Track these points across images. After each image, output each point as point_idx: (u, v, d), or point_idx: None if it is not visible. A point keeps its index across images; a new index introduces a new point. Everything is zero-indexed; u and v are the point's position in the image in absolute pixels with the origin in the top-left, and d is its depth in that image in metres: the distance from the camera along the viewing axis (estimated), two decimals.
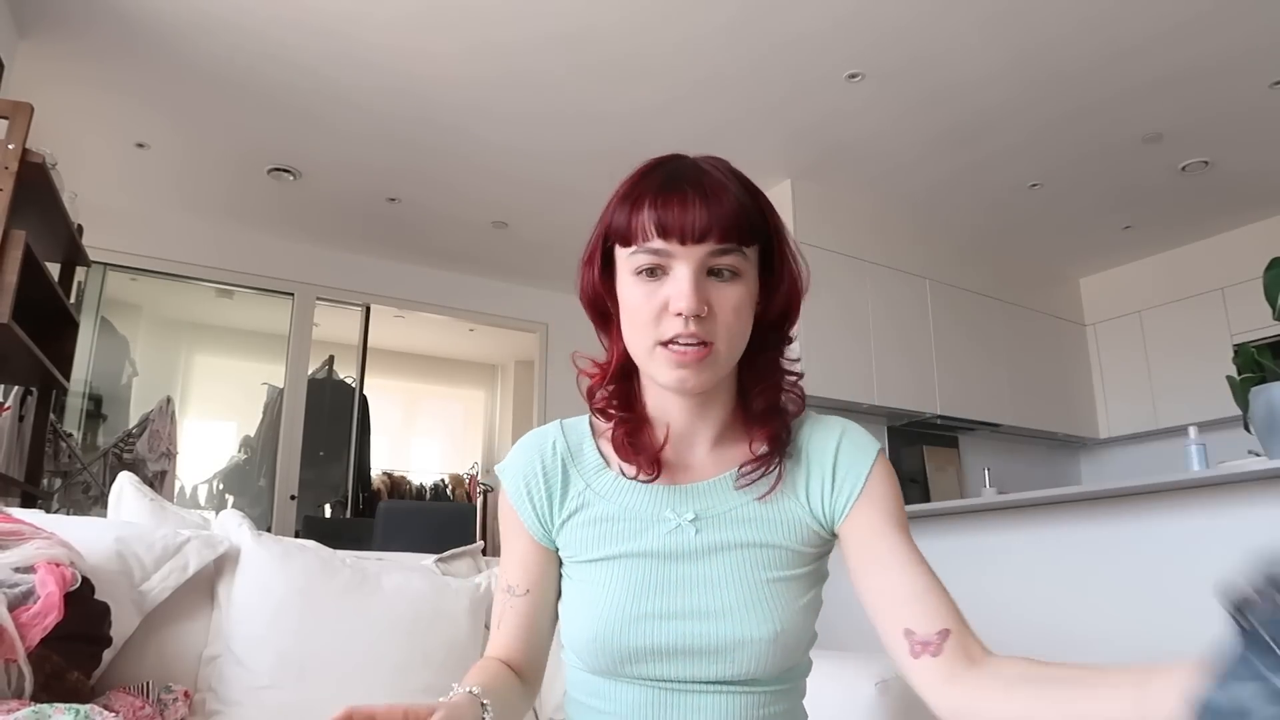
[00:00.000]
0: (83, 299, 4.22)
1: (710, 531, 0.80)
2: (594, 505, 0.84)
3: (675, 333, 0.75)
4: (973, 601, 3.10)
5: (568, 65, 3.26)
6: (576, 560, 0.84)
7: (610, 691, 0.80)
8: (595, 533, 0.83)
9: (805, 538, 0.81)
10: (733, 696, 0.77)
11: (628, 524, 0.82)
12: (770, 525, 0.81)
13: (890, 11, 2.97)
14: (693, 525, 0.80)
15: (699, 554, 0.80)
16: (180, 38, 3.05)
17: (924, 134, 3.80)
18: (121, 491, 1.45)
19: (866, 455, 0.83)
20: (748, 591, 0.77)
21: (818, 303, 4.13)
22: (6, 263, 2.15)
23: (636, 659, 0.78)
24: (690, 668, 0.77)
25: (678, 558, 0.80)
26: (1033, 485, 4.72)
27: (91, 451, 4.09)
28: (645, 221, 0.76)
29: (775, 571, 0.79)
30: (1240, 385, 2.30)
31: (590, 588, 0.81)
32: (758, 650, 0.76)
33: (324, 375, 5.52)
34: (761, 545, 0.80)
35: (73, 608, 1.00)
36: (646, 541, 0.80)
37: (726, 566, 0.79)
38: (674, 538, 0.80)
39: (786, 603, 0.78)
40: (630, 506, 0.83)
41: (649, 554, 0.80)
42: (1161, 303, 5.08)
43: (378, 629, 1.33)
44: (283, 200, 4.40)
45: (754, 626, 0.76)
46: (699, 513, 0.81)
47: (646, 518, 0.82)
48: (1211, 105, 3.56)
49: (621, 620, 0.78)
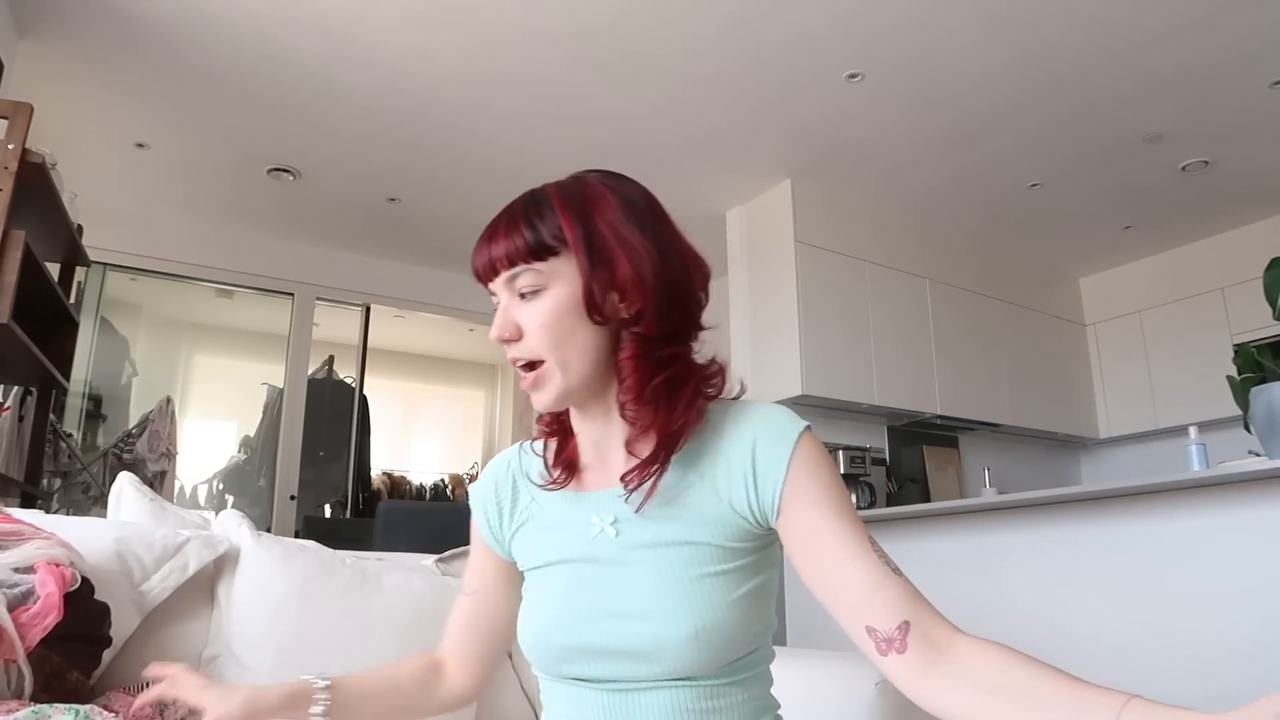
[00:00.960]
0: (83, 299, 4.22)
1: (631, 533, 0.81)
2: (538, 516, 0.89)
3: (510, 358, 0.82)
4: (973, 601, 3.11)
5: (568, 65, 3.26)
6: (526, 569, 0.89)
7: (565, 694, 0.84)
8: (539, 541, 0.88)
9: (732, 534, 0.79)
10: (678, 691, 0.77)
11: (562, 531, 0.85)
12: (692, 523, 0.79)
13: (890, 11, 2.97)
14: (613, 528, 0.82)
15: (621, 556, 0.81)
16: (180, 37, 3.05)
17: (924, 134, 3.80)
18: (121, 491, 1.45)
19: (785, 444, 0.78)
20: (669, 591, 0.77)
21: (818, 303, 4.14)
22: (6, 263, 2.15)
23: (571, 658, 0.80)
24: (623, 668, 0.78)
25: (603, 561, 0.81)
26: (1033, 485, 4.72)
27: (91, 451, 4.09)
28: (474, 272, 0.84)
29: (700, 568, 0.78)
30: (1240, 385, 2.30)
31: (534, 592, 0.87)
32: (681, 649, 0.76)
33: (324, 375, 5.52)
34: (684, 543, 0.79)
35: (73, 608, 1.00)
36: (577, 546, 0.83)
37: (647, 566, 0.79)
38: (598, 541, 0.82)
39: (712, 599, 0.77)
40: (564, 515, 0.86)
41: (580, 558, 0.83)
42: (1161, 303, 5.08)
43: (378, 629, 1.33)
44: (283, 200, 4.40)
45: (675, 625, 0.76)
46: (619, 515, 0.82)
47: (576, 523, 0.84)
48: (1211, 105, 3.56)
49: (555, 620, 0.81)
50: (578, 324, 0.78)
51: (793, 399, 4.01)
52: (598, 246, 0.79)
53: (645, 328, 0.78)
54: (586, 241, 0.79)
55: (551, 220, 0.79)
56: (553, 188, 0.83)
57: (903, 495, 4.45)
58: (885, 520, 3.29)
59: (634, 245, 0.79)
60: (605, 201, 0.81)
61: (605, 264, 0.78)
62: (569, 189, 0.82)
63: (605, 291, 0.78)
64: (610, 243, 0.79)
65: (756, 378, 4.19)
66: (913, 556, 3.13)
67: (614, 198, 0.81)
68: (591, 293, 0.78)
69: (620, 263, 0.78)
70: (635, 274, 0.78)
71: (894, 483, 4.44)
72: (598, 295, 0.78)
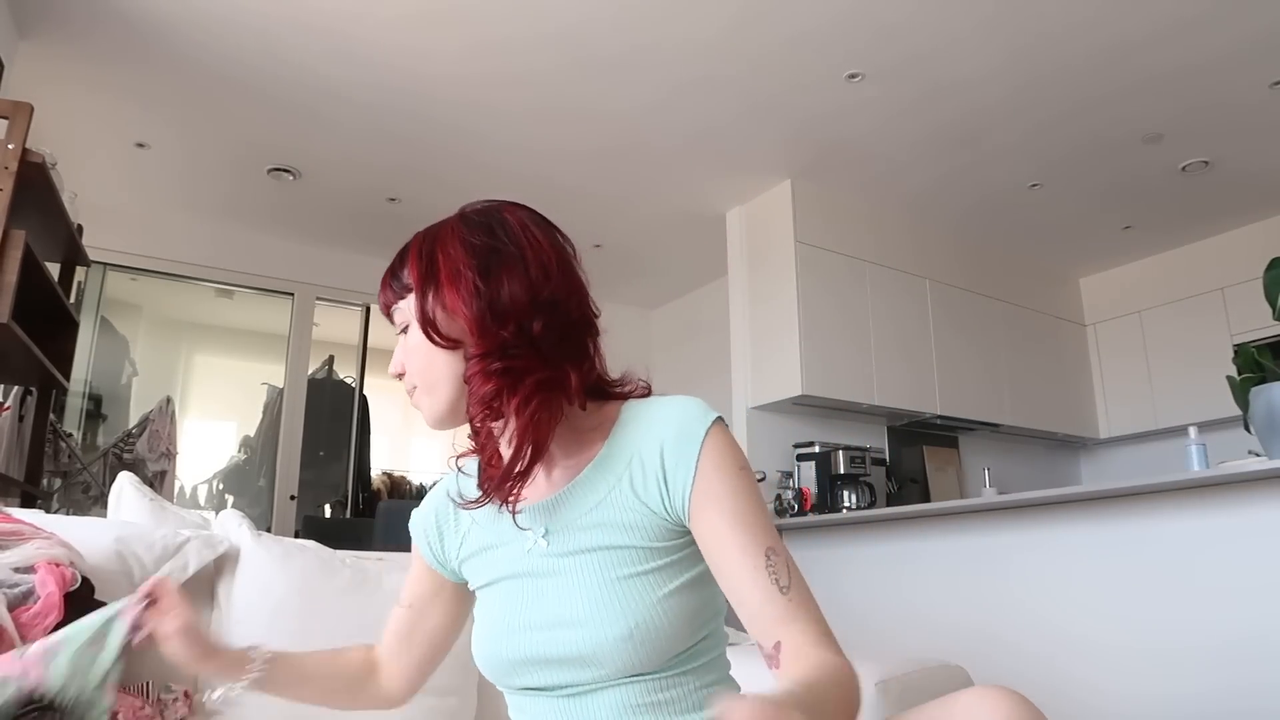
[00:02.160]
0: (83, 299, 4.22)
1: (560, 542, 0.83)
2: (479, 537, 0.91)
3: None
4: (973, 601, 3.09)
5: (568, 64, 3.26)
6: (475, 588, 0.92)
7: (522, 704, 0.86)
8: (481, 561, 0.90)
9: (654, 534, 0.81)
10: (626, 689, 0.79)
11: (501, 548, 0.88)
12: (616, 527, 0.81)
13: (890, 11, 2.97)
14: (545, 539, 0.84)
15: (553, 566, 0.83)
16: (180, 37, 3.05)
17: (924, 134, 3.80)
18: (121, 491, 1.45)
19: (693, 444, 0.79)
20: (598, 595, 0.79)
21: (817, 303, 4.14)
22: (6, 262, 2.15)
23: (519, 670, 0.83)
24: (569, 674, 0.80)
25: (538, 573, 0.84)
26: (1033, 485, 4.72)
27: (91, 451, 4.09)
28: None
29: (626, 569, 0.79)
30: (1240, 385, 2.30)
31: (481, 609, 0.90)
32: (618, 650, 0.77)
33: (324, 375, 5.52)
34: (608, 548, 0.81)
35: (73, 608, 1.00)
36: (515, 561, 0.86)
37: (577, 574, 0.81)
38: (532, 554, 0.85)
39: (642, 599, 0.78)
40: (500, 532, 0.88)
41: (518, 573, 0.86)
42: (1161, 303, 5.08)
43: (378, 629, 1.33)
44: (283, 200, 4.40)
45: (607, 628, 0.77)
46: (549, 526, 0.84)
47: (511, 538, 0.87)
48: (1211, 105, 3.56)
49: (499, 634, 0.84)
50: (433, 351, 0.83)
51: (793, 399, 4.01)
52: (432, 276, 0.84)
53: (474, 346, 0.81)
54: (425, 275, 0.84)
55: (406, 262, 0.87)
56: (419, 233, 0.89)
57: (903, 495, 4.45)
58: (885, 520, 3.29)
59: (459, 269, 0.82)
60: (448, 235, 0.86)
61: (436, 290, 0.83)
62: (428, 230, 0.89)
63: (435, 313, 0.83)
64: (442, 272, 0.83)
65: (756, 378, 4.19)
66: (913, 557, 3.14)
67: (460, 229, 0.86)
68: (424, 315, 0.83)
69: (446, 288, 0.82)
70: (456, 294, 0.81)
71: (894, 483, 4.44)
72: (431, 315, 0.83)
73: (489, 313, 0.81)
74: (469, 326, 0.81)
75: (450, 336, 0.82)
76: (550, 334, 0.82)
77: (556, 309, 0.83)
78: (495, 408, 0.81)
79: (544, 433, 0.81)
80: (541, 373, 0.81)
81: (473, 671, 1.41)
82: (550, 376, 0.81)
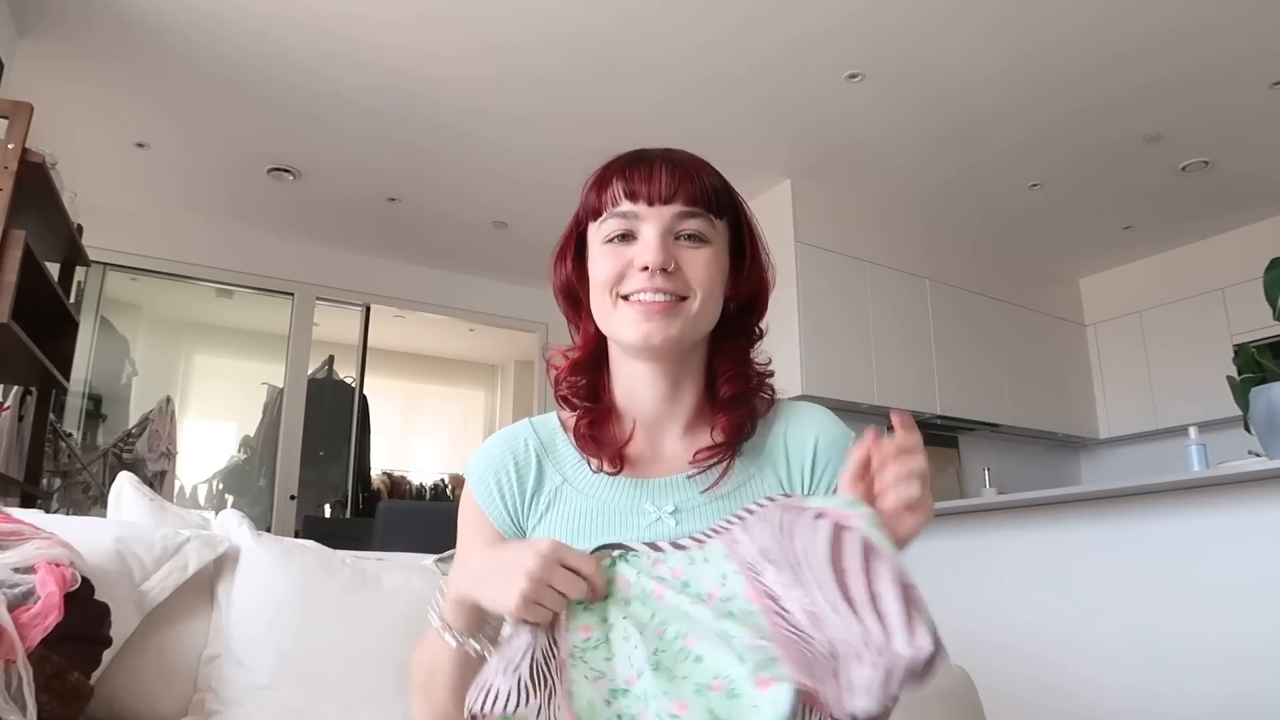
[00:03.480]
0: (82, 299, 4.22)
1: (690, 523, 0.78)
2: (571, 501, 0.83)
3: (639, 286, 0.77)
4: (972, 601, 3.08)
5: (568, 66, 3.26)
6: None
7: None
8: (573, 528, 0.81)
9: None
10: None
11: (606, 519, 0.80)
12: None
13: (890, 11, 2.97)
14: (673, 518, 0.79)
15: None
16: (180, 37, 3.05)
17: (924, 134, 3.80)
18: (121, 491, 1.45)
19: (843, 447, 0.83)
20: None
21: (818, 303, 4.14)
22: (6, 262, 2.15)
23: None
24: None
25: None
26: (1033, 485, 4.72)
27: (91, 451, 4.09)
28: (614, 191, 0.81)
29: None
30: (1240, 385, 2.30)
31: None
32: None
33: (324, 375, 5.52)
34: None
35: (73, 608, 1.00)
36: (627, 537, 0.78)
37: None
38: (654, 531, 0.78)
39: None
40: (608, 501, 0.81)
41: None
42: (1161, 303, 5.08)
43: (378, 629, 1.33)
44: (283, 200, 4.40)
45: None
46: (679, 505, 0.80)
47: (625, 511, 0.80)
48: (1211, 105, 3.56)
49: None
50: (720, 283, 0.82)
51: (793, 399, 4.01)
52: (749, 235, 0.86)
53: (751, 324, 0.86)
54: (747, 225, 0.86)
55: (726, 189, 0.84)
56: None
57: None
58: None
59: (764, 247, 0.87)
60: (739, 196, 0.87)
61: (753, 253, 0.85)
62: (718, 171, 0.86)
63: (741, 278, 0.84)
64: (756, 239, 0.86)
65: None
66: (912, 557, 3.12)
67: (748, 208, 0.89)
68: (739, 277, 0.84)
69: (757, 256, 0.86)
70: (764, 275, 0.86)
71: None
72: (742, 282, 0.84)
73: (764, 302, 0.87)
74: (762, 296, 0.86)
75: (734, 291, 0.84)
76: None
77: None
78: (743, 370, 0.84)
79: (755, 421, 0.84)
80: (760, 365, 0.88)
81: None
82: (766, 369, 0.89)
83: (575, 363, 0.86)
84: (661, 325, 0.77)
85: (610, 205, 0.80)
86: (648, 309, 0.77)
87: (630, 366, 0.83)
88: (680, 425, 0.84)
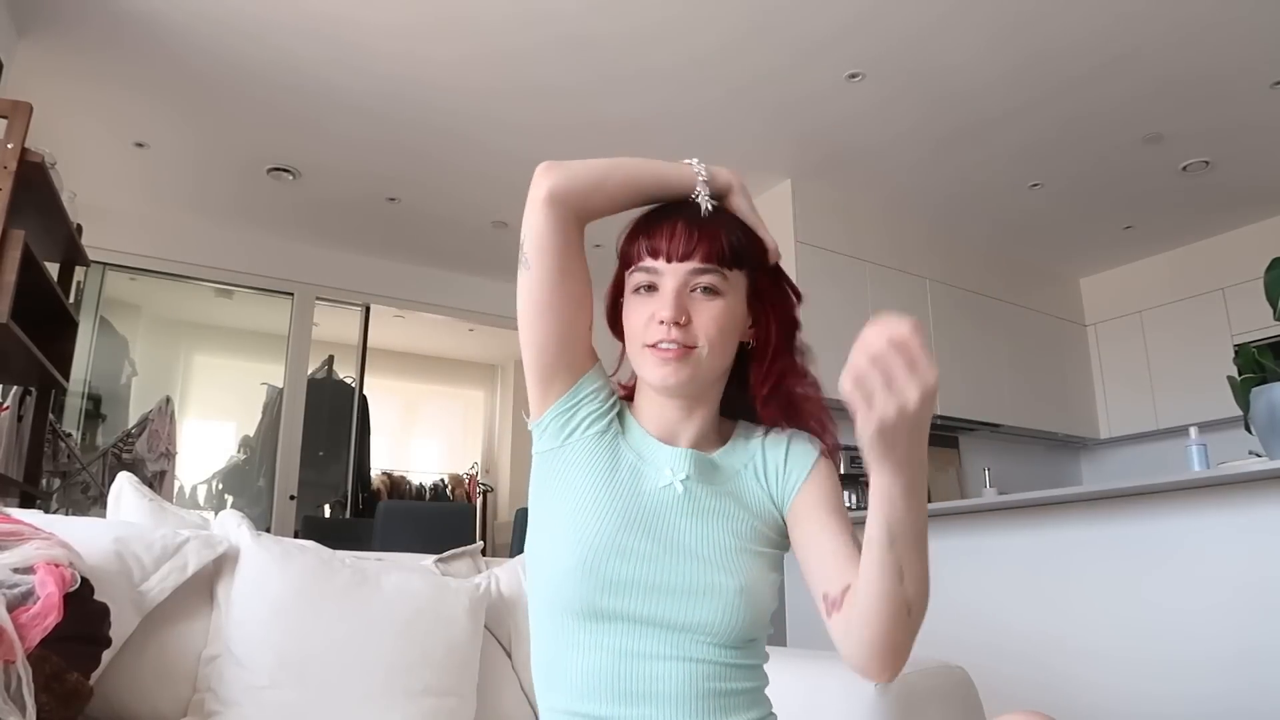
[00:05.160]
0: (82, 299, 4.22)
1: (694, 494, 0.90)
2: (618, 443, 0.93)
3: (658, 338, 0.88)
4: (972, 601, 3.08)
5: (568, 69, 3.26)
6: (571, 480, 0.91)
7: (573, 664, 0.84)
8: (607, 458, 0.91)
9: (769, 520, 0.93)
10: (694, 665, 0.83)
11: (636, 467, 0.91)
12: (742, 503, 0.92)
13: (891, 12, 2.97)
14: (682, 485, 0.90)
15: (680, 509, 0.89)
16: (180, 38, 3.05)
17: (924, 134, 3.80)
18: (121, 491, 1.44)
19: (810, 453, 0.95)
20: (721, 549, 0.87)
21: (818, 303, 4.12)
22: (6, 262, 2.15)
23: (616, 589, 0.83)
24: (662, 605, 0.83)
25: (662, 509, 0.89)
26: (1033, 485, 4.72)
27: (91, 451, 4.09)
28: (640, 246, 0.92)
29: (746, 542, 0.89)
30: (1241, 385, 2.29)
31: (582, 515, 0.88)
32: (726, 599, 0.83)
33: (324, 375, 5.52)
34: (735, 516, 0.91)
35: (72, 608, 1.00)
36: (642, 485, 0.90)
37: (705, 526, 0.89)
38: (664, 491, 0.90)
39: (755, 569, 0.88)
40: (645, 454, 0.93)
41: (640, 500, 0.89)
42: (1162, 303, 5.08)
43: (377, 629, 1.33)
44: (283, 200, 4.40)
45: (725, 577, 0.85)
46: (690, 474, 0.91)
47: (652, 467, 0.92)
48: (1211, 105, 3.56)
49: (608, 548, 0.85)
50: (731, 331, 0.91)
51: None
52: (765, 288, 0.95)
53: (783, 345, 0.97)
54: (763, 277, 0.96)
55: (745, 244, 0.93)
56: (729, 212, 0.96)
57: None
58: None
59: (781, 302, 0.97)
60: (764, 247, 0.97)
61: (766, 305, 0.95)
62: (744, 222, 0.97)
63: (765, 321, 0.95)
64: (767, 290, 0.96)
65: None
66: None
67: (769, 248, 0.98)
68: (759, 310, 0.95)
69: (771, 312, 0.96)
70: (780, 322, 0.96)
71: None
72: (767, 324, 0.95)
73: (790, 335, 0.98)
74: (777, 334, 0.95)
75: (747, 337, 0.95)
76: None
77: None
78: (775, 393, 0.96)
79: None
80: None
81: (472, 671, 1.41)
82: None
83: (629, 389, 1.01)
84: (674, 370, 0.88)
85: (637, 259, 0.92)
86: (663, 357, 0.88)
87: (654, 395, 0.95)
88: (690, 439, 0.95)
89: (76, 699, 1.00)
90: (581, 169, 0.97)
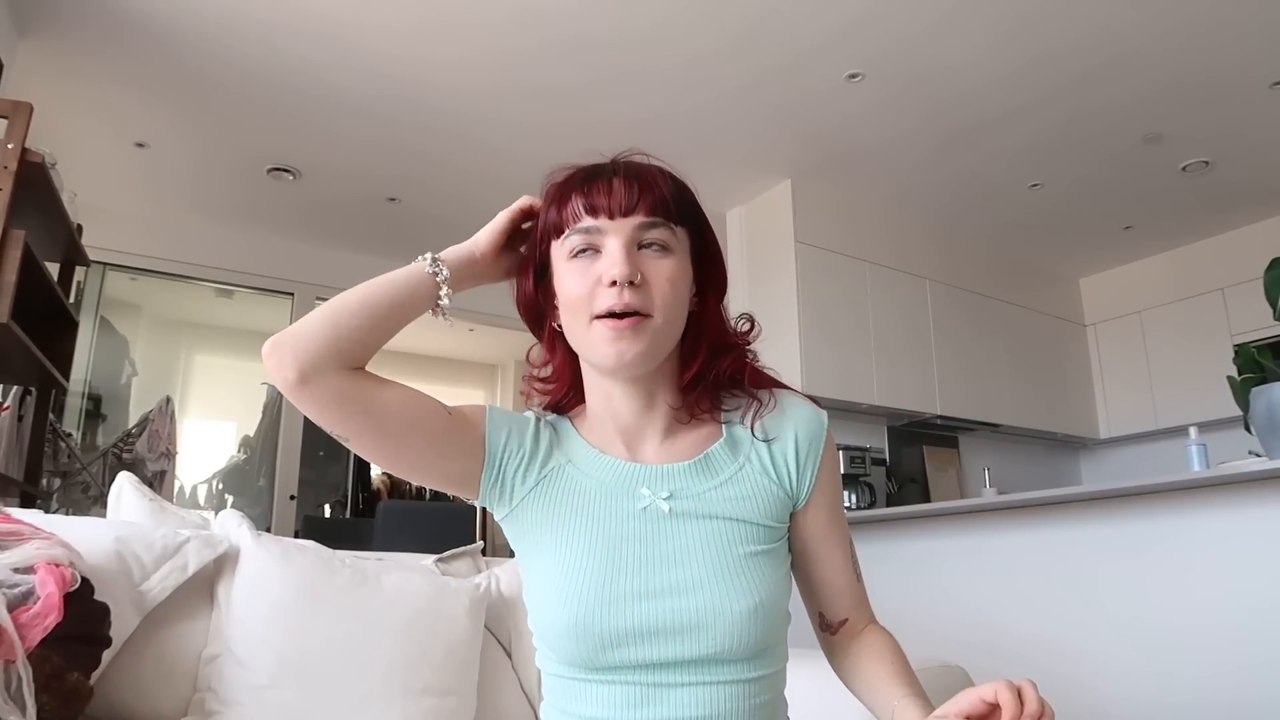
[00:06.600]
0: (82, 299, 4.22)
1: (683, 508, 0.81)
2: (569, 477, 0.84)
3: (609, 304, 0.77)
4: (972, 602, 3.08)
5: (568, 69, 3.26)
6: (539, 538, 0.83)
7: (588, 694, 0.78)
8: (567, 502, 0.83)
9: (775, 512, 0.84)
10: (715, 689, 0.77)
11: (600, 496, 0.83)
12: (741, 503, 0.83)
13: (890, 11, 2.96)
14: (666, 502, 0.81)
15: (673, 531, 0.80)
16: (180, 38, 3.05)
17: (924, 134, 3.80)
18: (121, 491, 1.45)
19: (821, 431, 0.88)
20: (724, 565, 0.78)
21: (818, 302, 4.14)
22: (6, 262, 2.15)
23: (618, 642, 0.76)
24: (670, 647, 0.76)
25: (649, 536, 0.80)
26: (1033, 485, 4.72)
27: (91, 451, 4.09)
28: (574, 206, 0.82)
29: (750, 546, 0.81)
30: (1241, 385, 2.29)
31: (562, 571, 0.79)
32: (736, 624, 0.76)
33: None
34: (735, 520, 0.81)
35: (72, 608, 1.00)
36: (620, 518, 0.81)
37: (701, 542, 0.80)
38: (646, 515, 0.81)
39: (765, 575, 0.80)
40: (606, 481, 0.84)
41: (626, 534, 0.80)
42: (1162, 303, 5.08)
43: (378, 629, 1.33)
44: (283, 200, 4.40)
45: (732, 600, 0.77)
46: (674, 490, 0.82)
47: (620, 493, 0.83)
48: (1211, 105, 3.56)
49: (600, 602, 0.77)
50: (685, 292, 0.82)
51: None
52: (709, 243, 0.87)
53: (714, 305, 0.88)
54: (705, 232, 0.87)
55: (688, 195, 0.86)
56: (665, 166, 0.88)
57: (903, 495, 4.45)
58: (885, 520, 3.29)
59: (719, 254, 0.89)
60: (698, 203, 0.89)
61: (712, 260, 0.87)
62: (676, 175, 0.88)
63: (706, 283, 0.86)
64: (712, 244, 0.88)
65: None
66: (912, 557, 3.13)
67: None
68: (702, 277, 0.86)
69: (718, 264, 0.88)
70: (722, 277, 0.88)
71: (894, 483, 4.44)
72: (708, 287, 0.86)
73: (725, 285, 0.89)
74: (715, 295, 0.87)
75: (698, 295, 0.86)
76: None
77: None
78: (718, 354, 0.86)
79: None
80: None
81: (473, 671, 1.41)
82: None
83: (555, 390, 0.91)
84: (631, 343, 0.78)
85: (572, 221, 0.81)
86: (617, 329, 0.77)
87: (605, 383, 0.85)
88: (659, 428, 0.86)
89: (77, 699, 1.00)
90: (307, 326, 0.84)
